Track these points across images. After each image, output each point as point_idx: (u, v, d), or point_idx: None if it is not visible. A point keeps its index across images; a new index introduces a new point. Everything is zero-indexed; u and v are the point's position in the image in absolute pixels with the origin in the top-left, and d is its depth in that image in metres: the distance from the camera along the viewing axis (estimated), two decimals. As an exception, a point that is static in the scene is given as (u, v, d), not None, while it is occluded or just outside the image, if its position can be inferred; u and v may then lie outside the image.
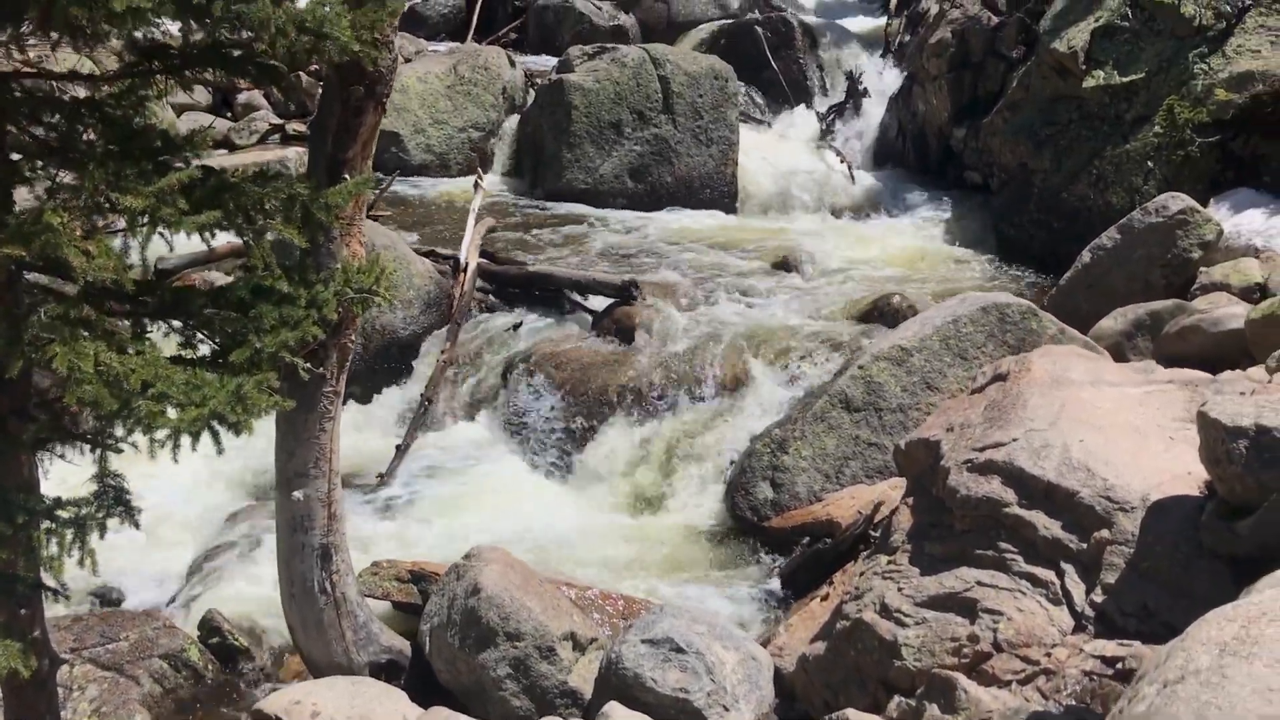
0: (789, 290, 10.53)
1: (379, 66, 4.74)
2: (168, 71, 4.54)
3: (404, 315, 9.54)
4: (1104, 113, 11.29)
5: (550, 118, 13.52)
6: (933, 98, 14.01)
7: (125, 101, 4.55)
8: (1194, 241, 9.07)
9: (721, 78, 13.63)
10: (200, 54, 4.43)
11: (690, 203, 13.39)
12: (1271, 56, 10.26)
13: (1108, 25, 11.47)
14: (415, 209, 12.61)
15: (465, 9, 18.58)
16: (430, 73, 14.08)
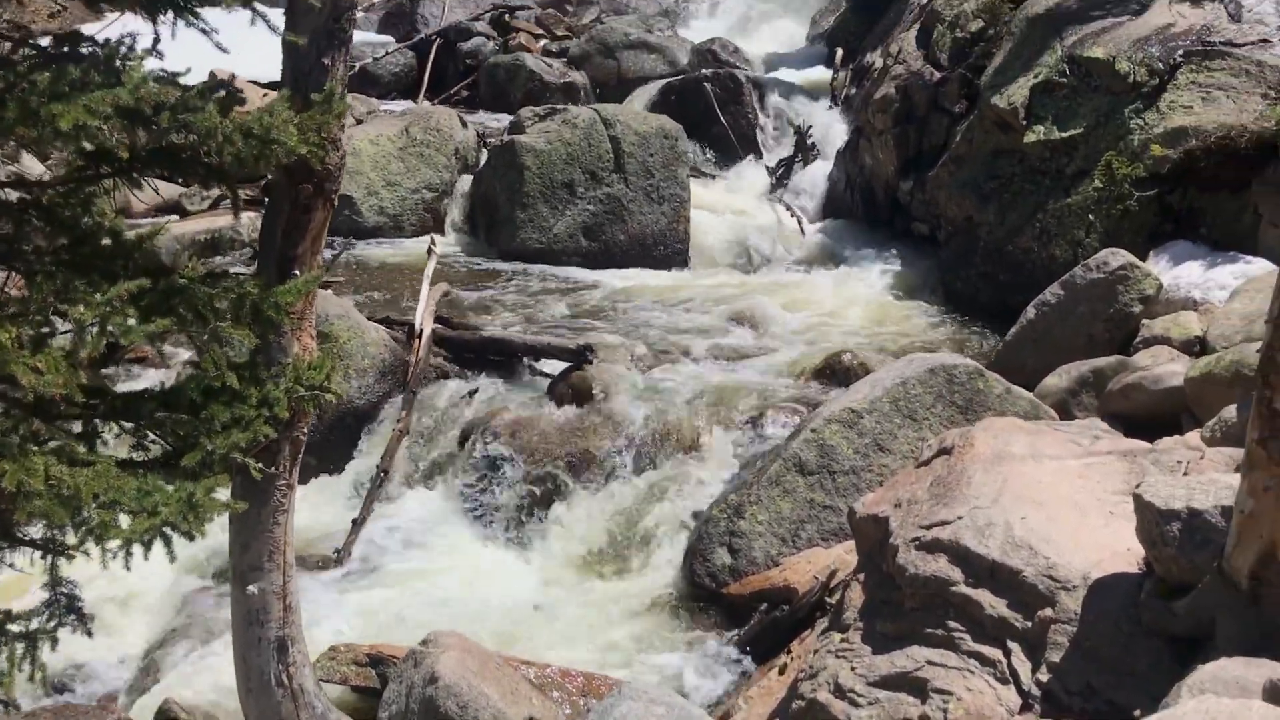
0: (743, 348, 10.65)
1: (327, 165, 4.80)
2: (115, 174, 4.58)
3: (359, 385, 9.54)
4: (1045, 167, 11.56)
5: (503, 178, 13.63)
6: (879, 152, 14.27)
7: (73, 200, 4.59)
8: (1134, 296, 9.30)
9: (671, 137, 13.82)
10: (148, 158, 4.47)
11: (644, 260, 13.52)
12: (1203, 112, 10.57)
13: (1046, 82, 11.77)
14: (370, 272, 12.64)
15: (416, 68, 18.72)
16: (382, 135, 14.15)
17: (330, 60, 4.71)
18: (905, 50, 14.61)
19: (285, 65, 4.73)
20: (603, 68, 18.30)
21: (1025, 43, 12.41)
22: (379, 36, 19.14)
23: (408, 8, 19.67)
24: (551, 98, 17.45)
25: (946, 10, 14.24)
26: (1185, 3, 11.93)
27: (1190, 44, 11.12)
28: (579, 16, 21.49)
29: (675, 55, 18.55)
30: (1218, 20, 11.48)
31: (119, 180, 4.62)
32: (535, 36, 19.36)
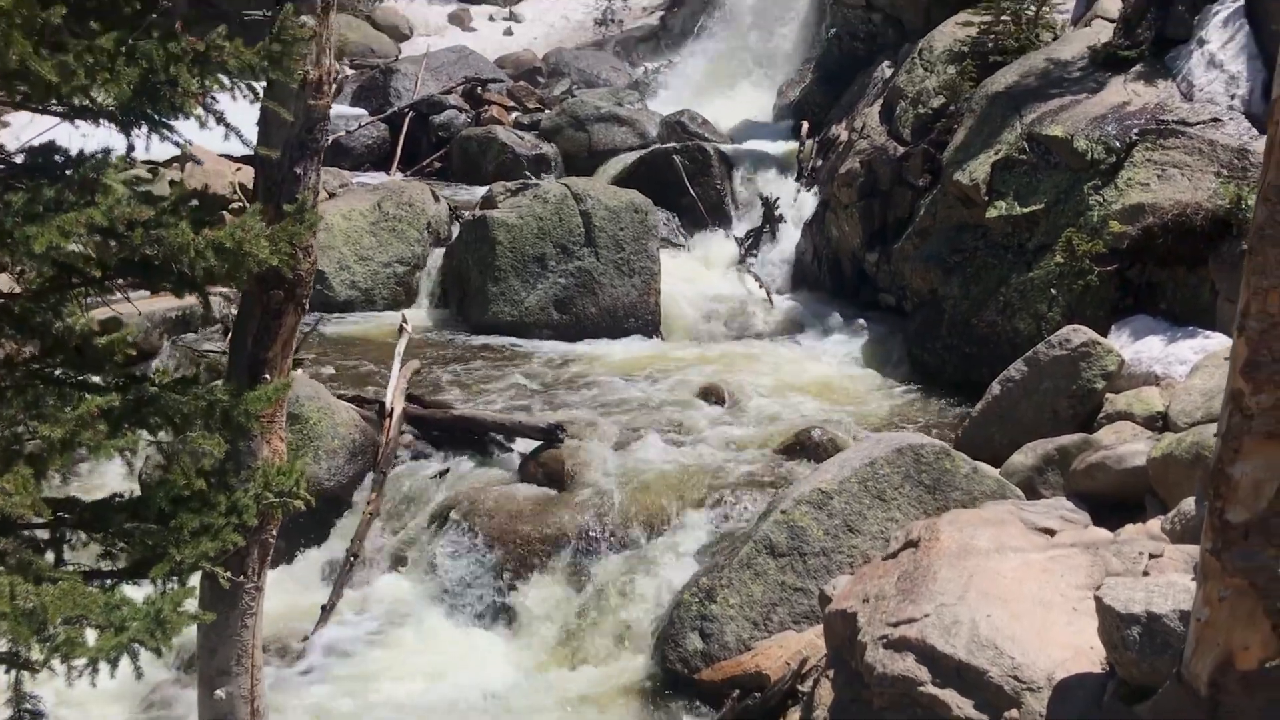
0: (714, 424, 10.71)
1: (299, 271, 4.86)
2: (87, 284, 4.62)
3: (329, 466, 9.52)
4: (1007, 241, 11.79)
5: (475, 252, 13.73)
6: (845, 224, 14.50)
7: (44, 304, 4.62)
8: (1097, 373, 9.45)
9: (641, 211, 13.99)
10: (120, 268, 4.52)
11: (615, 332, 13.61)
12: (1160, 190, 10.83)
13: (1007, 158, 12.04)
14: (341, 347, 12.64)
15: (390, 140, 18.88)
16: (354, 210, 14.24)
17: (302, 170, 4.79)
18: (869, 125, 14.91)
19: (258, 175, 4.81)
20: (574, 140, 18.52)
21: (986, 120, 12.70)
22: (352, 109, 19.32)
23: (381, 81, 19.88)
24: (523, 170, 17.66)
25: (909, 86, 14.57)
26: (1139, 81, 12.27)
27: (1145, 122, 11.42)
28: (550, 88, 21.78)
29: (645, 128, 18.81)
30: (1170, 99, 11.80)
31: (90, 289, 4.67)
32: (507, 109, 19.60)
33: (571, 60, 23.25)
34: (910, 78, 14.66)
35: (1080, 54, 12.98)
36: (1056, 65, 12.92)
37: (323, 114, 4.83)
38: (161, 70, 4.10)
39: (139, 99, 4.10)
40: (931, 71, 14.45)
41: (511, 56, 23.28)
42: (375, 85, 20.03)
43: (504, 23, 25.17)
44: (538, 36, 24.97)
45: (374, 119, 19.01)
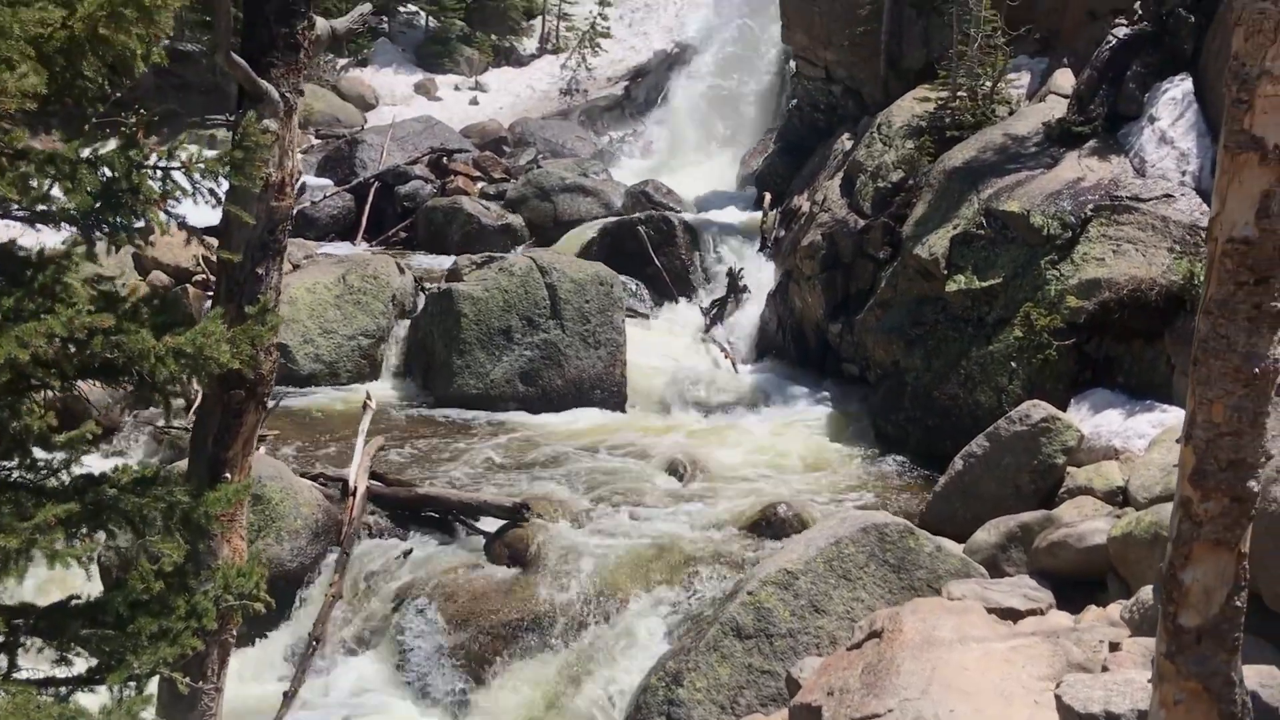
0: (680, 498, 10.71)
1: (260, 371, 4.86)
2: (46, 386, 4.59)
3: (291, 547, 9.42)
4: (967, 315, 11.95)
5: (440, 325, 13.75)
6: (808, 295, 14.65)
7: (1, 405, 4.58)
8: (1057, 448, 9.57)
9: (606, 283, 14.08)
10: (80, 369, 4.50)
11: (581, 404, 13.62)
12: (1115, 264, 11.04)
13: (965, 233, 12.24)
14: (304, 423, 12.58)
15: (355, 210, 18.94)
16: (319, 283, 14.24)
17: (264, 270, 4.81)
18: (830, 198, 15.14)
19: (219, 276, 4.82)
20: (539, 210, 18.67)
21: (944, 194, 12.93)
22: (317, 180, 19.37)
23: (346, 151, 19.98)
24: (489, 239, 17.76)
25: (868, 160, 14.83)
26: (1093, 157, 12.56)
27: (1099, 198, 11.67)
28: (516, 158, 21.98)
29: (610, 198, 19.00)
30: (1124, 174, 12.09)
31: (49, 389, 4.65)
32: (473, 179, 19.75)
33: (537, 130, 23.50)
34: (870, 152, 14.92)
35: (1035, 129, 13.28)
36: (1013, 140, 13.20)
37: (285, 214, 4.86)
38: (123, 178, 4.13)
39: (101, 206, 4.12)
40: (890, 146, 14.72)
41: (477, 126, 23.48)
42: (341, 156, 20.12)
43: (470, 92, 25.42)
44: (503, 106, 25.22)
45: (339, 189, 19.09)
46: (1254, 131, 3.32)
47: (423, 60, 26.04)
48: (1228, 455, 3.50)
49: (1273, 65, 3.24)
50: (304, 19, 4.72)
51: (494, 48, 27.21)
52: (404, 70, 25.51)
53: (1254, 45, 3.28)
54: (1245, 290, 3.41)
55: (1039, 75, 15.02)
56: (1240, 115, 3.35)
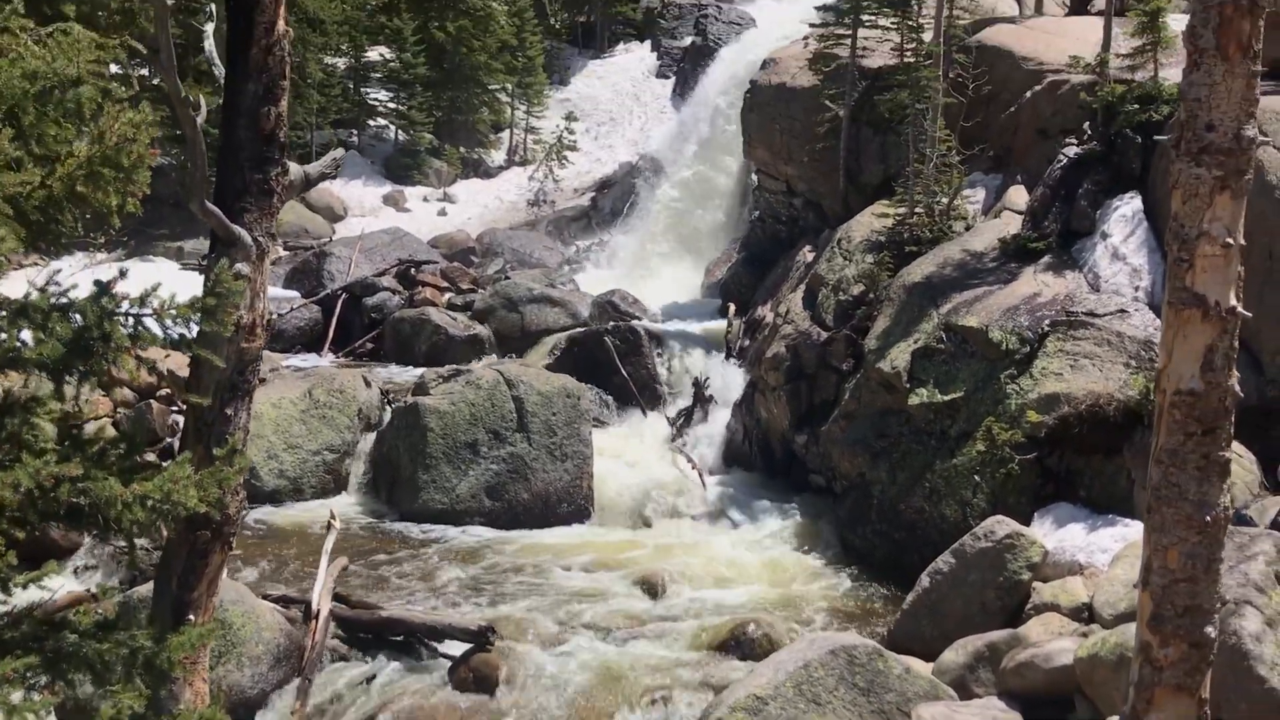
0: (648, 618, 10.63)
1: (226, 512, 4.85)
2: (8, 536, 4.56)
3: (252, 673, 9.23)
4: (930, 428, 12.09)
5: (406, 439, 13.72)
6: (773, 406, 14.77)
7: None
8: (1022, 564, 9.63)
9: (573, 395, 14.14)
10: (44, 515, 4.48)
11: (548, 518, 13.56)
12: (1073, 379, 11.25)
13: (926, 347, 12.45)
14: (267, 541, 12.43)
15: (322, 321, 18.99)
16: (285, 397, 14.20)
17: (233, 410, 4.84)
18: (793, 310, 15.37)
19: (187, 418, 4.84)
20: (507, 321, 18.80)
21: (904, 309, 13.18)
22: (285, 291, 19.43)
23: (314, 264, 20.11)
24: (456, 350, 17.83)
25: (829, 274, 15.11)
26: (1049, 272, 12.88)
27: (1056, 313, 11.94)
28: (484, 268, 22.20)
29: (576, 308, 19.17)
30: (1079, 290, 12.39)
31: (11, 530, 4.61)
32: (441, 290, 19.89)
33: (505, 240, 23.79)
34: (831, 265, 15.21)
35: (992, 245, 13.62)
36: (970, 256, 13.52)
37: (255, 355, 4.91)
38: (94, 326, 4.17)
39: (71, 354, 4.15)
40: (851, 260, 15.02)
41: (445, 237, 23.74)
42: (309, 268, 20.25)
43: (438, 203, 25.74)
44: (471, 217, 25.54)
45: (306, 301, 19.16)
46: (1196, 289, 3.46)
47: (392, 172, 26.41)
48: (1184, 601, 3.57)
49: (1210, 227, 3.40)
50: (278, 165, 4.83)
51: (462, 160, 27.65)
52: (373, 182, 25.84)
53: (1191, 208, 3.44)
54: (1194, 440, 3.52)
55: (994, 191, 15.46)
56: (1182, 273, 3.49)
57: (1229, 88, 3.38)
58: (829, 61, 17.58)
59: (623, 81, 30.29)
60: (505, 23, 28.47)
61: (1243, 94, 3.41)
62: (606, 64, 31.12)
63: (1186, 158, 3.45)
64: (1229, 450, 3.57)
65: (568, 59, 31.31)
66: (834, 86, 17.38)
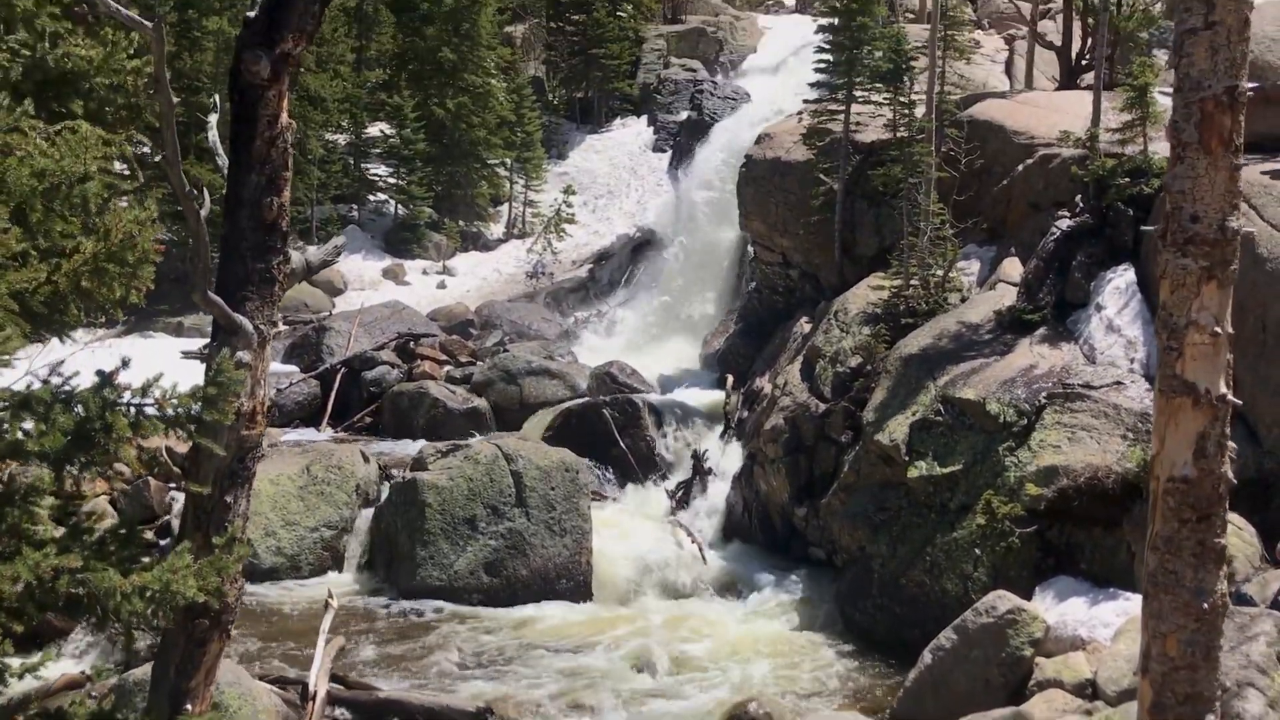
0: (649, 696, 10.56)
1: (225, 600, 4.84)
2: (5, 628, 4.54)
3: (249, 758, 9.12)
4: (930, 501, 12.07)
5: (404, 515, 13.68)
6: (773, 479, 14.75)
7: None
8: (1025, 640, 9.57)
9: (572, 469, 14.12)
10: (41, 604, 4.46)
11: (547, 594, 13.46)
12: (1071, 452, 11.26)
13: (924, 419, 12.48)
14: (264, 621, 12.34)
15: (321, 395, 19.01)
16: (283, 474, 14.18)
17: (233, 498, 4.85)
18: (791, 382, 15.41)
19: (187, 506, 4.85)
20: (505, 393, 18.81)
21: (901, 381, 13.23)
22: (284, 366, 19.48)
23: (314, 338, 20.18)
24: (455, 424, 17.82)
25: (826, 346, 15.18)
26: (1044, 344, 12.95)
27: (1052, 385, 11.99)
28: (483, 340, 22.25)
29: (575, 380, 19.20)
30: (1075, 362, 12.45)
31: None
32: (439, 363, 19.94)
33: (503, 312, 23.88)
34: (827, 337, 15.29)
35: (987, 317, 13.71)
36: (966, 328, 13.60)
37: (255, 442, 4.93)
38: (96, 417, 4.21)
39: (73, 446, 4.18)
40: (847, 332, 15.10)
41: (445, 309, 23.84)
42: (308, 342, 20.31)
43: (438, 276, 25.89)
44: (470, 289, 25.67)
45: (305, 376, 19.20)
46: (1186, 377, 3.50)
47: (391, 246, 26.59)
48: (1184, 689, 3.57)
49: (1198, 316, 3.45)
50: (280, 254, 4.90)
51: (461, 233, 27.85)
52: (372, 256, 26.01)
53: (1179, 298, 3.49)
54: (1189, 527, 3.54)
55: (988, 263, 15.59)
56: (1172, 361, 3.54)
57: (1212, 180, 3.46)
58: (823, 136, 17.82)
59: (620, 155, 30.64)
60: (504, 99, 28.86)
61: (1226, 186, 3.49)
62: (604, 138, 31.50)
63: (1173, 248, 3.52)
64: (1224, 537, 3.59)
65: (566, 134, 31.70)
66: (828, 160, 17.61)
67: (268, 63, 4.76)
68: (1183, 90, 3.54)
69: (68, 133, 3.99)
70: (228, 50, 21.04)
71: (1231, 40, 3.45)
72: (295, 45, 4.80)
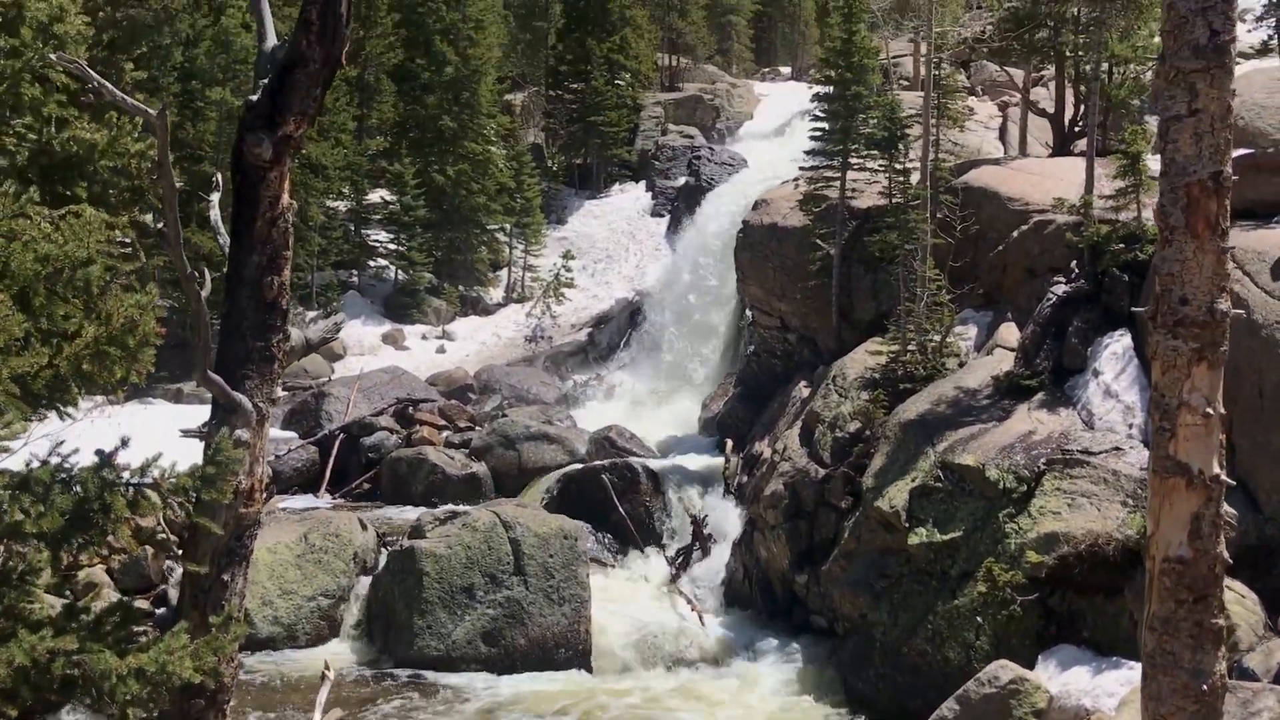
0: (648, 770, 10.41)
1: (222, 679, 4.81)
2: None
3: (242, 835, 8.98)
4: (931, 568, 12.01)
5: (401, 584, 13.60)
6: (773, 545, 14.68)
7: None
8: (1028, 710, 9.48)
9: (571, 537, 14.07)
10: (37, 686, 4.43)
11: (545, 664, 13.35)
12: (1071, 519, 11.24)
13: (923, 486, 12.46)
14: (259, 692, 12.22)
15: (319, 461, 18.97)
16: (280, 542, 14.12)
17: (230, 577, 4.84)
18: (790, 447, 15.41)
19: (184, 584, 4.84)
20: (504, 459, 18.79)
21: (901, 447, 13.22)
22: (283, 433, 19.46)
23: (313, 404, 20.18)
24: (454, 489, 17.79)
25: (825, 411, 15.20)
26: (1043, 409, 12.97)
27: (1051, 451, 11.99)
28: (482, 404, 22.26)
29: (574, 445, 19.18)
30: (1073, 427, 12.46)
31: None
32: (438, 428, 19.93)
33: (503, 376, 23.92)
34: (826, 402, 15.31)
35: (985, 382, 13.74)
36: (964, 393, 13.63)
37: (253, 520, 4.93)
38: (94, 499, 4.22)
39: (71, 527, 4.18)
40: (846, 397, 15.13)
41: (444, 374, 23.88)
42: (307, 409, 20.31)
43: (437, 341, 25.98)
44: (470, 354, 25.75)
45: (304, 442, 19.17)
46: (1179, 458, 3.52)
47: (391, 311, 26.72)
48: (1186, 772, 3.53)
49: (1190, 397, 3.48)
50: (279, 332, 4.95)
51: (461, 298, 28.02)
52: (372, 321, 26.12)
53: (1170, 379, 3.52)
54: (1186, 608, 3.54)
55: (985, 328, 15.66)
56: (1165, 442, 3.56)
57: (1200, 263, 3.51)
58: (819, 202, 17.99)
59: (619, 220, 30.93)
60: (504, 166, 29.17)
61: (1214, 269, 3.53)
62: (603, 203, 31.81)
63: (1163, 330, 3.56)
64: (1221, 617, 3.58)
65: (565, 199, 32.02)
66: (824, 226, 17.75)
67: (270, 145, 4.84)
68: (1169, 174, 3.60)
69: (71, 217, 4.05)
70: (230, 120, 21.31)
71: (1215, 126, 3.52)
72: (297, 128, 4.89)
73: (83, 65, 3.88)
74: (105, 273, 4.02)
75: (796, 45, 43.29)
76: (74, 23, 4.49)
